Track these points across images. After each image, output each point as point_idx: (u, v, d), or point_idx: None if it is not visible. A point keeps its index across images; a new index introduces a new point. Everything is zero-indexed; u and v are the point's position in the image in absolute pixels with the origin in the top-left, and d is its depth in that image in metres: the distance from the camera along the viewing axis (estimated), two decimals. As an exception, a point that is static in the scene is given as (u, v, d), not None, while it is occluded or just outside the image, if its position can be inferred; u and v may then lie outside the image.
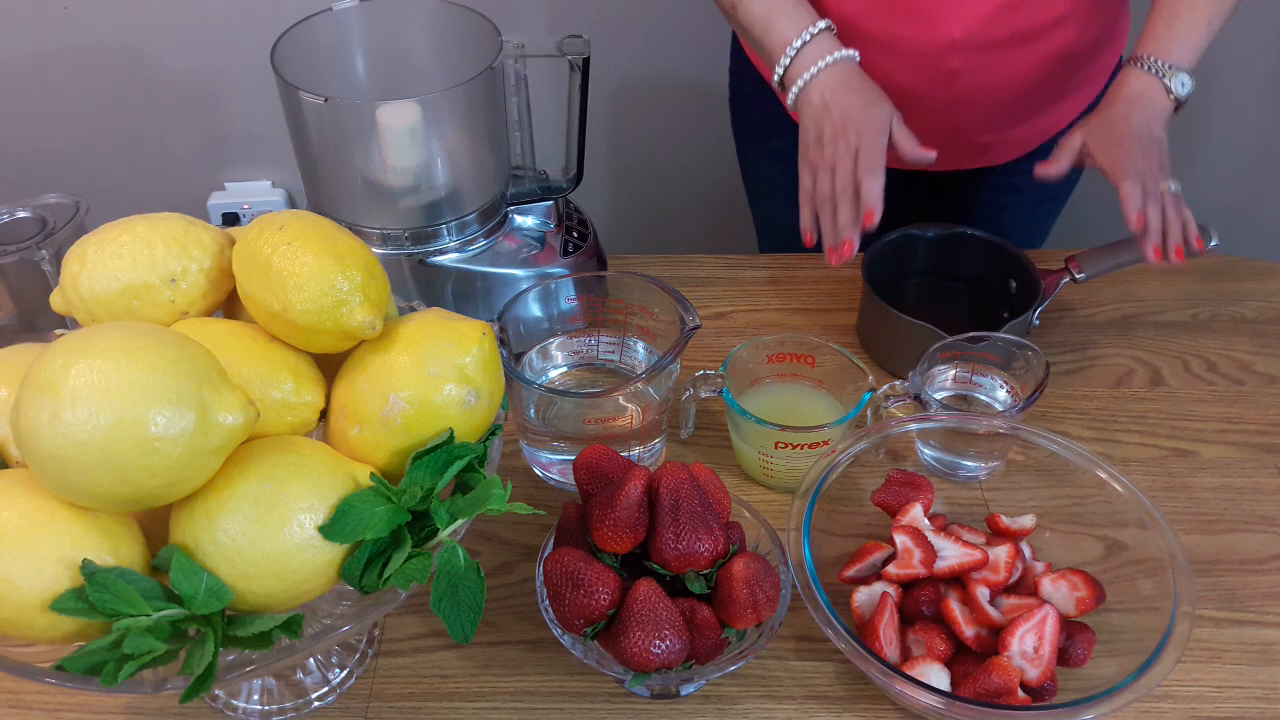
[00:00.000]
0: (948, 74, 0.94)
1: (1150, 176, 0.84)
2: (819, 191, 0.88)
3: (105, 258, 0.62)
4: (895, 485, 0.76)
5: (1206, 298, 1.03)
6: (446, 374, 0.60)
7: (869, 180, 0.84)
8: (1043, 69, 0.96)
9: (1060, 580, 0.70)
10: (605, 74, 1.48)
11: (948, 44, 0.92)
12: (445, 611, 0.58)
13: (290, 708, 0.70)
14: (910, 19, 0.92)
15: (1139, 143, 0.85)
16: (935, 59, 0.93)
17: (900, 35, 0.93)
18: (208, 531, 0.54)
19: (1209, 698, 0.70)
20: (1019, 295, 0.94)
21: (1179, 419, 0.90)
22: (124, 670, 0.51)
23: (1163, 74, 0.86)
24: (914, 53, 0.93)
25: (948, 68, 0.94)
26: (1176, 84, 0.86)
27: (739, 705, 0.70)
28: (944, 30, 0.91)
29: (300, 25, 0.88)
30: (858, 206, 0.85)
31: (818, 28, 0.89)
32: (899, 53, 0.94)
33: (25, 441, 0.51)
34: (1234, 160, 1.63)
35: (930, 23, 0.91)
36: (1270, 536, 0.80)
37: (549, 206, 0.96)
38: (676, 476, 0.66)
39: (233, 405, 0.53)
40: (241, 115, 1.62)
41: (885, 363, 0.94)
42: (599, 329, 0.87)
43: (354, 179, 0.89)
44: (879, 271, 0.94)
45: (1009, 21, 0.91)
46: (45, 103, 1.59)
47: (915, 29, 0.92)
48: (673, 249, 1.12)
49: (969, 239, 0.97)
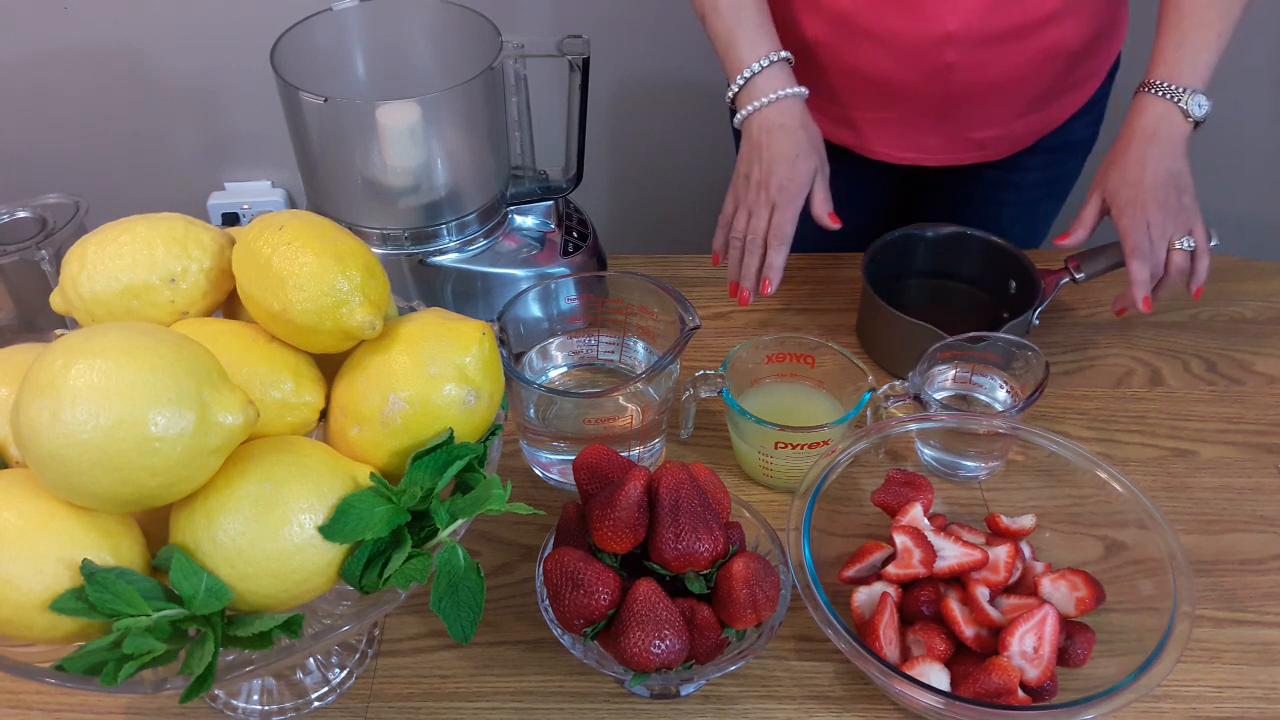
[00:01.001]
0: (943, 67, 0.94)
1: (1160, 237, 0.86)
2: (735, 227, 0.93)
3: (105, 258, 0.62)
4: (895, 485, 0.76)
5: (1206, 298, 1.02)
6: (446, 374, 0.60)
7: (774, 251, 0.90)
8: (1039, 64, 0.96)
9: (1060, 580, 0.70)
10: (605, 74, 1.49)
11: (942, 37, 0.92)
12: (445, 611, 0.58)
13: (290, 708, 0.70)
14: (905, 12, 0.92)
15: (1154, 195, 0.86)
16: (930, 52, 0.94)
17: (895, 29, 0.93)
18: (208, 531, 0.54)
19: (1209, 698, 0.70)
20: (1019, 295, 0.94)
21: (1179, 419, 0.90)
22: (124, 670, 0.51)
23: (1178, 98, 0.86)
24: (909, 46, 0.94)
25: (943, 61, 0.94)
26: (1193, 106, 0.85)
27: (739, 705, 0.70)
28: (938, 23, 0.91)
29: (300, 25, 0.88)
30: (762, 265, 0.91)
31: (773, 58, 0.90)
32: (894, 46, 0.94)
33: (25, 441, 0.51)
34: (1233, 160, 1.63)
35: (925, 16, 0.92)
36: (1270, 536, 0.80)
37: (549, 206, 0.96)
38: (676, 476, 0.66)
39: (233, 405, 0.53)
40: (241, 115, 1.62)
41: (885, 363, 0.94)
42: (599, 329, 0.87)
43: (354, 179, 0.89)
44: (879, 271, 0.94)
45: (1004, 15, 0.91)
46: (45, 103, 1.59)
47: (910, 22, 0.92)
48: (673, 249, 1.12)
49: (969, 239, 0.97)
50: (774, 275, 0.90)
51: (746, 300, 0.92)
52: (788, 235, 0.90)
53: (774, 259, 0.90)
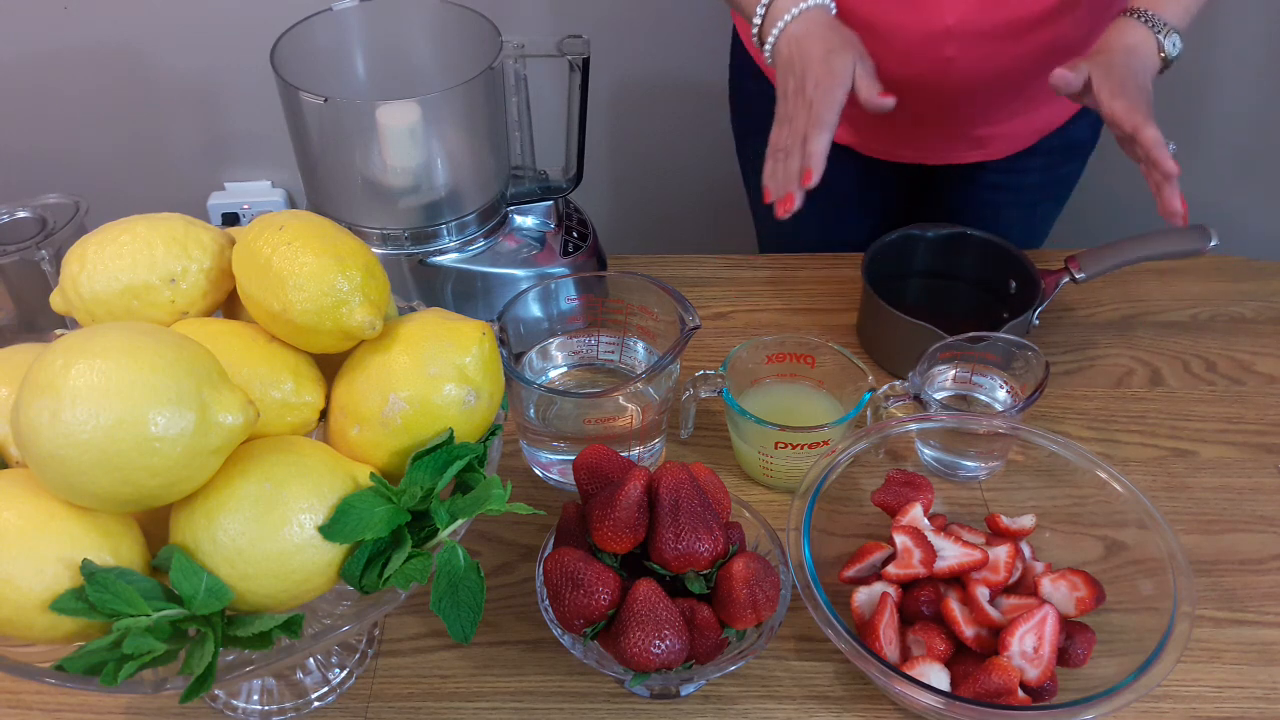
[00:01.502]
0: (943, 62, 0.94)
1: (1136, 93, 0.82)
2: (774, 143, 0.88)
3: (105, 258, 0.62)
4: (895, 485, 0.76)
5: (1206, 298, 1.03)
6: (446, 374, 0.60)
7: (813, 137, 0.84)
8: (1039, 61, 0.96)
9: (1060, 580, 0.70)
10: (605, 74, 1.49)
11: (941, 31, 0.92)
12: (445, 611, 0.58)
13: (290, 708, 0.70)
14: (904, 6, 0.92)
15: (1142, 93, 0.83)
16: (929, 46, 0.94)
17: (895, 22, 0.93)
18: (208, 531, 0.54)
19: (1209, 698, 0.70)
20: (1019, 295, 0.94)
21: (1179, 419, 0.90)
22: (124, 670, 0.51)
23: (1158, 29, 0.85)
24: (909, 40, 0.94)
25: (942, 55, 0.94)
26: (1169, 43, 0.85)
27: (739, 705, 0.70)
28: (937, 17, 0.91)
29: (300, 25, 0.88)
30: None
31: None
32: (894, 40, 0.94)
33: (25, 441, 0.51)
34: (1234, 160, 1.63)
35: (924, 8, 0.91)
36: (1270, 536, 0.80)
37: (549, 206, 0.96)
38: (676, 476, 0.66)
39: (233, 405, 0.53)
40: (241, 115, 1.62)
41: (885, 363, 0.94)
42: (599, 329, 0.87)
43: (354, 179, 0.89)
44: (879, 271, 0.94)
45: (1002, 10, 0.91)
46: (45, 103, 1.59)
47: (909, 15, 0.92)
48: (673, 249, 1.12)
49: (969, 239, 0.97)
50: (813, 163, 0.83)
51: (789, 206, 0.84)
52: (827, 120, 0.83)
53: (812, 146, 0.83)
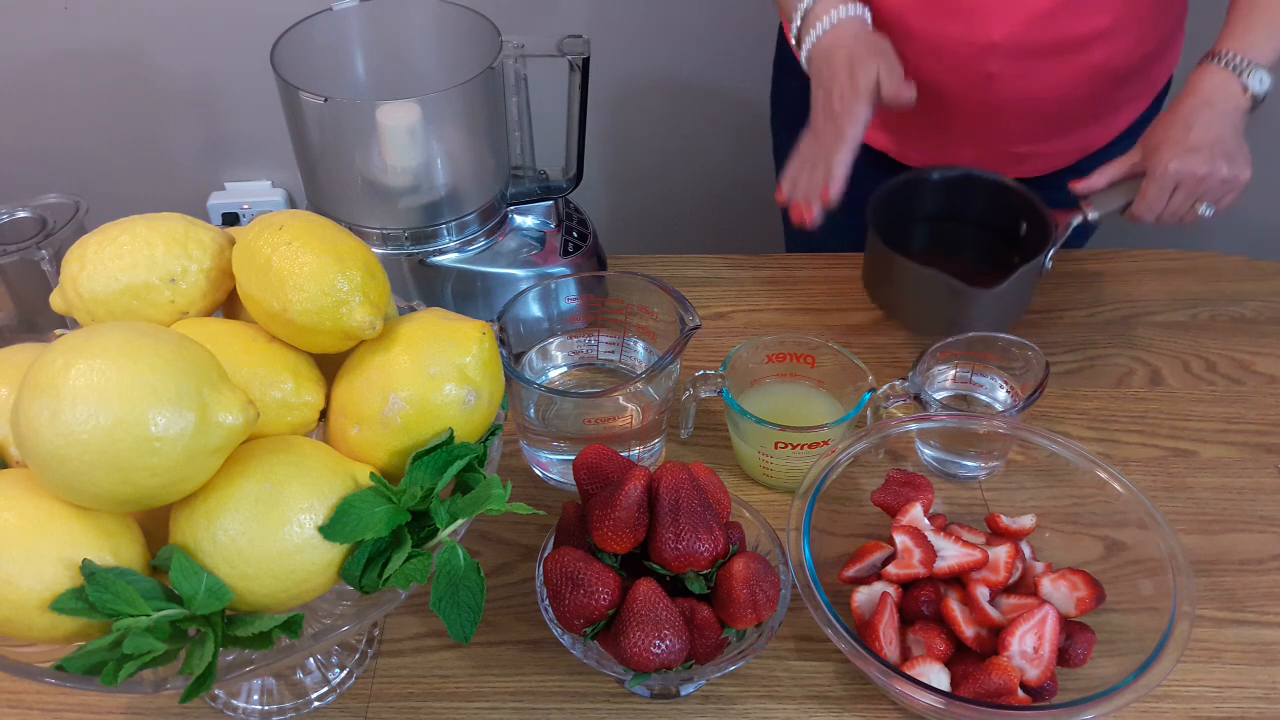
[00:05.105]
0: (984, 77, 0.94)
1: (1182, 202, 0.85)
2: (801, 151, 0.90)
3: (105, 258, 0.62)
4: (895, 485, 0.76)
5: (1206, 298, 1.03)
6: (446, 374, 0.60)
7: (835, 153, 0.86)
8: (1083, 83, 0.95)
9: (1060, 580, 0.70)
10: (605, 74, 1.48)
11: (986, 45, 0.92)
12: (445, 611, 0.58)
13: (290, 708, 0.70)
14: (954, 17, 0.91)
15: (1192, 159, 0.84)
16: (973, 60, 0.93)
17: (942, 33, 0.93)
18: (208, 531, 0.54)
19: (1209, 698, 0.70)
20: (1029, 237, 0.91)
21: (1179, 419, 0.90)
22: (124, 670, 0.51)
23: (1240, 70, 0.84)
24: (953, 52, 0.93)
25: (984, 70, 0.94)
26: (1254, 81, 0.84)
27: (739, 705, 0.70)
28: (984, 31, 0.91)
29: (300, 25, 0.88)
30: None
31: None
32: (939, 51, 0.94)
33: (25, 441, 0.51)
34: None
35: (972, 22, 0.91)
36: (1270, 536, 0.80)
37: (549, 206, 0.96)
38: (676, 476, 0.66)
39: (232, 405, 0.53)
40: (241, 115, 1.62)
41: (894, 314, 0.92)
42: (599, 329, 0.87)
43: (354, 179, 0.89)
44: (884, 218, 0.91)
45: (1050, 29, 0.90)
46: (45, 103, 1.59)
47: (957, 27, 0.92)
48: (673, 249, 1.12)
49: (976, 180, 0.94)
50: (833, 181, 0.86)
51: (808, 218, 0.87)
52: (849, 136, 0.86)
53: (834, 161, 0.86)
